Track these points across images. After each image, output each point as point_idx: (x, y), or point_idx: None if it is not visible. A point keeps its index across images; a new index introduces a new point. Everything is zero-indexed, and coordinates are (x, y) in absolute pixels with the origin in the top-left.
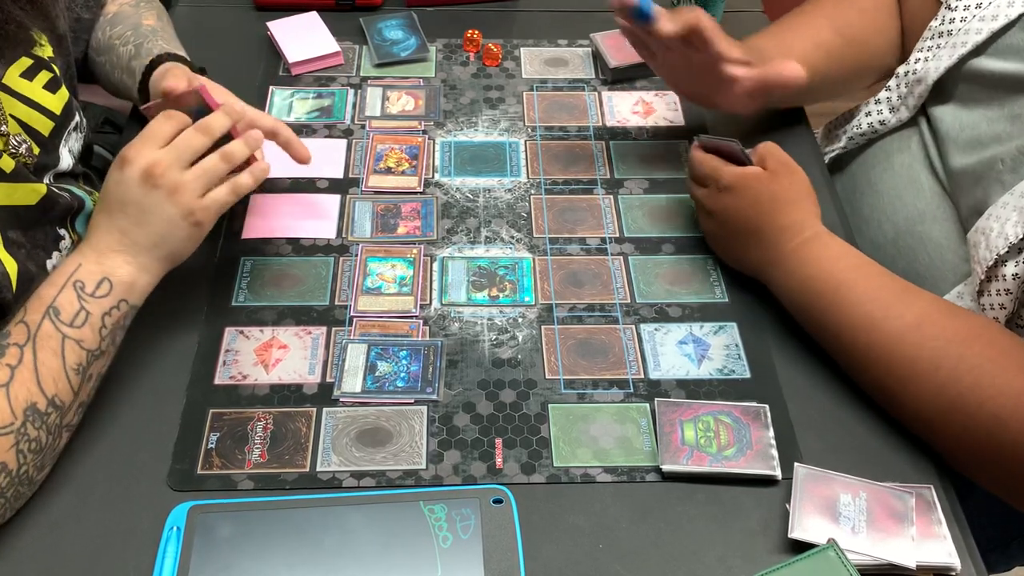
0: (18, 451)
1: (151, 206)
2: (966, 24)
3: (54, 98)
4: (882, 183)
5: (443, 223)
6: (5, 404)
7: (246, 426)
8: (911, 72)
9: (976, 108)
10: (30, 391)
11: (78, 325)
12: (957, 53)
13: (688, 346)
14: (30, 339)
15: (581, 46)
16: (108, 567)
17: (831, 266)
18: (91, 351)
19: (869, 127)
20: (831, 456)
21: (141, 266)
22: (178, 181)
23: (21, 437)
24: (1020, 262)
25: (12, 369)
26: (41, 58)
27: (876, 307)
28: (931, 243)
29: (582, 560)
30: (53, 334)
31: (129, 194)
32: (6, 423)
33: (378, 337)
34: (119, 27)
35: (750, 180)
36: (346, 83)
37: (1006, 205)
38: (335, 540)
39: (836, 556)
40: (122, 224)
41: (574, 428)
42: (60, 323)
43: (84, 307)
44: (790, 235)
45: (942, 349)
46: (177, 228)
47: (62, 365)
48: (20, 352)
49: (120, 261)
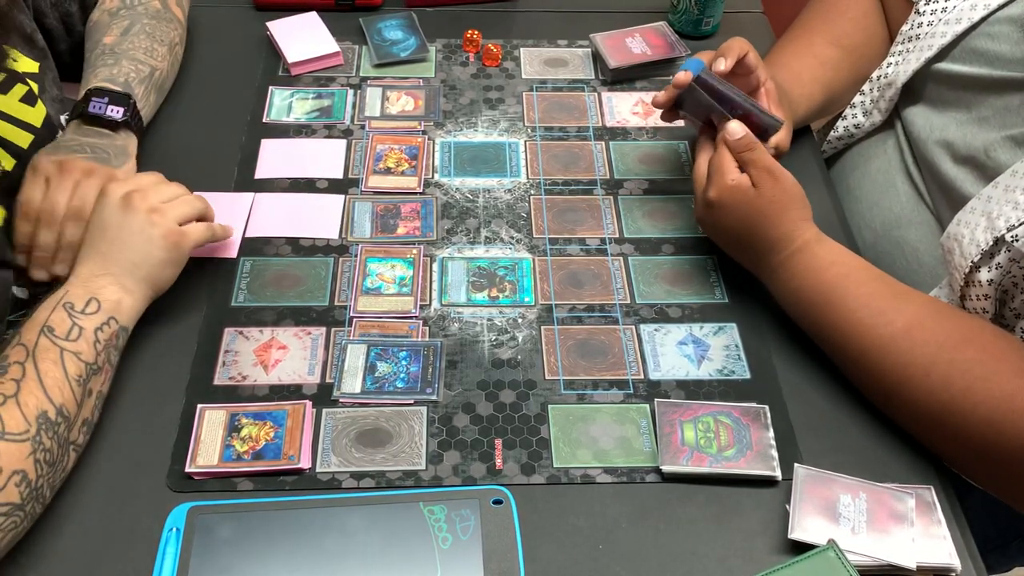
0: (36, 460)
1: (129, 226)
2: (932, 28)
3: (33, 111)
4: (860, 189)
5: (443, 223)
6: (18, 412)
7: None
8: (882, 76)
9: (946, 111)
10: (39, 399)
11: (73, 339)
12: (924, 56)
13: (688, 347)
14: (29, 355)
15: (581, 46)
16: (108, 567)
17: (821, 275)
18: (89, 364)
19: (845, 131)
20: (831, 457)
21: (124, 287)
22: (156, 206)
23: (37, 446)
24: (993, 267)
25: (18, 382)
26: (15, 71)
27: (867, 314)
28: (908, 247)
29: (582, 561)
30: (51, 347)
31: (110, 218)
32: (22, 430)
33: (378, 337)
34: (89, 41)
35: (737, 195)
36: (346, 83)
37: (974, 210)
38: (335, 541)
39: (836, 557)
40: (102, 248)
41: (574, 429)
42: (56, 338)
43: (76, 323)
44: (779, 248)
45: (933, 354)
46: (155, 248)
47: (64, 375)
48: (22, 368)
49: (103, 283)
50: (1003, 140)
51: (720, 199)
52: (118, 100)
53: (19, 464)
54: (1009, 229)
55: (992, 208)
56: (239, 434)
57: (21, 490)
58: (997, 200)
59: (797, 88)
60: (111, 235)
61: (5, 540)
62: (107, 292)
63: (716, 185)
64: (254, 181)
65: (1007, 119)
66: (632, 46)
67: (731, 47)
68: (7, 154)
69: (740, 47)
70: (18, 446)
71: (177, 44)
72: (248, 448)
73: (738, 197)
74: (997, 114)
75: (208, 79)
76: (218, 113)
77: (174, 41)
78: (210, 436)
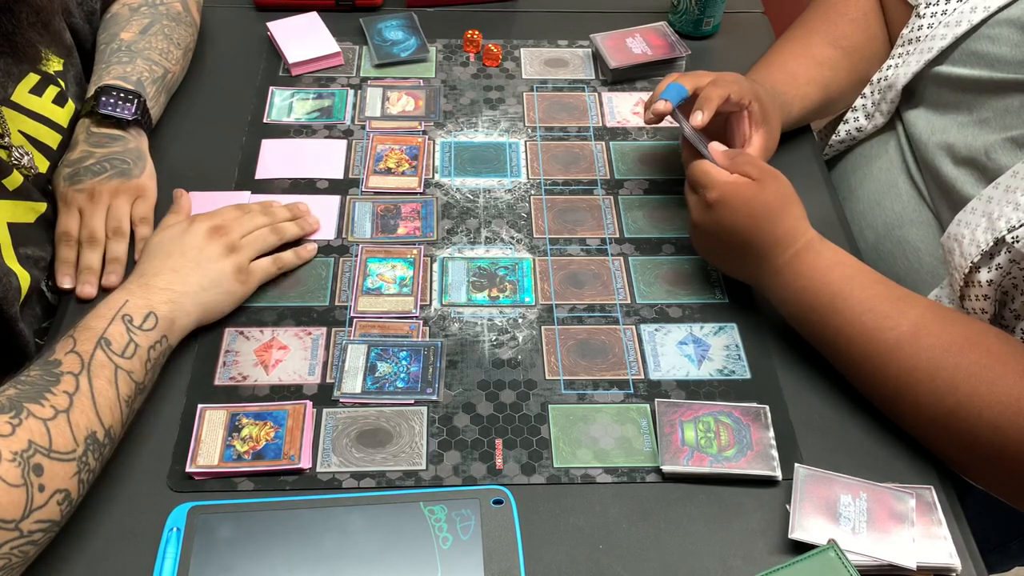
0: (79, 480)
1: (210, 254)
2: (932, 30)
3: (62, 112)
4: (862, 189)
5: (443, 224)
6: (67, 431)
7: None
8: (883, 79)
9: (947, 113)
10: (90, 419)
11: (128, 356)
12: (924, 59)
13: (688, 347)
14: (84, 368)
15: (581, 46)
16: (108, 567)
17: (825, 276)
18: (139, 383)
19: (847, 134)
20: (831, 457)
21: (182, 308)
22: (236, 242)
23: (83, 466)
24: (993, 268)
25: (71, 396)
26: (48, 73)
27: (871, 317)
28: (909, 247)
29: (582, 561)
30: (107, 363)
31: (193, 241)
32: (69, 449)
33: (378, 338)
34: (104, 33)
35: (741, 191)
36: (346, 83)
37: (975, 211)
38: (335, 541)
39: (836, 557)
40: (177, 263)
41: (574, 429)
42: (112, 353)
43: (133, 339)
44: (784, 247)
45: (938, 359)
46: (225, 279)
47: (116, 395)
48: (76, 380)
49: (164, 298)
50: (1003, 142)
51: (723, 197)
52: (128, 98)
53: (63, 484)
54: (1010, 230)
55: (992, 209)
56: (240, 434)
57: (63, 508)
58: (998, 201)
59: (792, 89)
60: (190, 256)
61: (32, 553)
62: (164, 309)
63: (714, 186)
64: (254, 181)
65: (1007, 120)
66: (632, 46)
67: (710, 98)
68: (42, 156)
69: (720, 94)
70: (63, 465)
71: (191, 48)
72: (248, 448)
73: (743, 192)
74: (997, 116)
75: (209, 79)
76: (219, 113)
77: (189, 46)
78: (211, 436)
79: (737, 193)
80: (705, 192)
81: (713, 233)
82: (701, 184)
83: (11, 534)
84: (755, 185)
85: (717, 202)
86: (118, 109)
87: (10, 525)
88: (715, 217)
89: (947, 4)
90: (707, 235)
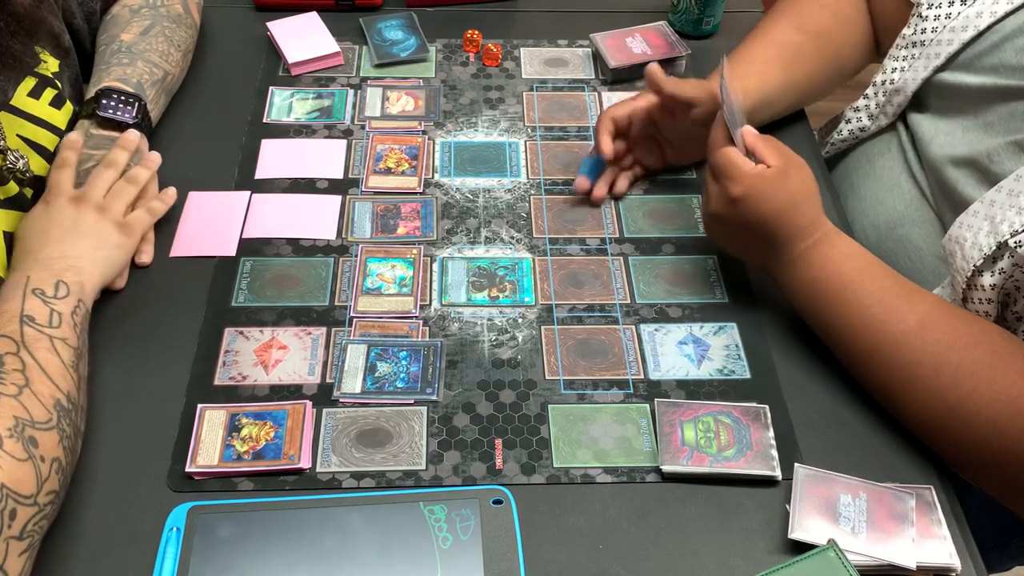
0: (64, 448)
1: (85, 221)
2: (937, 35)
3: (59, 114)
4: (864, 187)
5: (443, 223)
6: (37, 402)
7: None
8: (888, 81)
9: (951, 116)
10: (50, 388)
11: (56, 325)
12: (932, 64)
13: (688, 346)
14: (20, 345)
15: (581, 46)
16: (108, 567)
17: (839, 267)
18: (75, 348)
19: (850, 134)
20: (831, 457)
21: (84, 271)
22: (101, 202)
23: (62, 433)
24: (996, 272)
25: (22, 372)
26: (45, 75)
27: (881, 309)
28: (911, 246)
29: (582, 561)
30: (39, 336)
31: (62, 214)
32: (47, 419)
33: (378, 338)
34: (104, 34)
35: (768, 184)
36: (346, 83)
37: (977, 213)
38: (335, 541)
39: (836, 557)
40: (58, 235)
41: (574, 429)
42: (40, 326)
43: (54, 309)
44: (803, 236)
45: (943, 354)
46: (110, 235)
47: (61, 362)
48: (19, 359)
49: (63, 266)
50: (1008, 145)
51: (747, 192)
52: (129, 101)
53: (55, 452)
54: (1013, 234)
55: (995, 212)
56: (239, 434)
57: (59, 478)
58: (1001, 204)
59: (744, 65)
60: (67, 226)
61: (46, 528)
62: (69, 274)
63: (740, 180)
64: (254, 181)
65: (1012, 125)
66: (632, 46)
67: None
68: (39, 159)
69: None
70: (48, 434)
71: (191, 50)
72: (248, 448)
73: (769, 185)
74: (1002, 120)
75: (208, 79)
76: (218, 113)
77: (189, 48)
78: (210, 436)
79: (762, 186)
80: (729, 184)
81: (734, 225)
82: (726, 175)
83: (32, 509)
84: (780, 175)
85: (742, 197)
86: (119, 112)
87: (29, 500)
88: (738, 210)
89: (951, 7)
90: (725, 225)
